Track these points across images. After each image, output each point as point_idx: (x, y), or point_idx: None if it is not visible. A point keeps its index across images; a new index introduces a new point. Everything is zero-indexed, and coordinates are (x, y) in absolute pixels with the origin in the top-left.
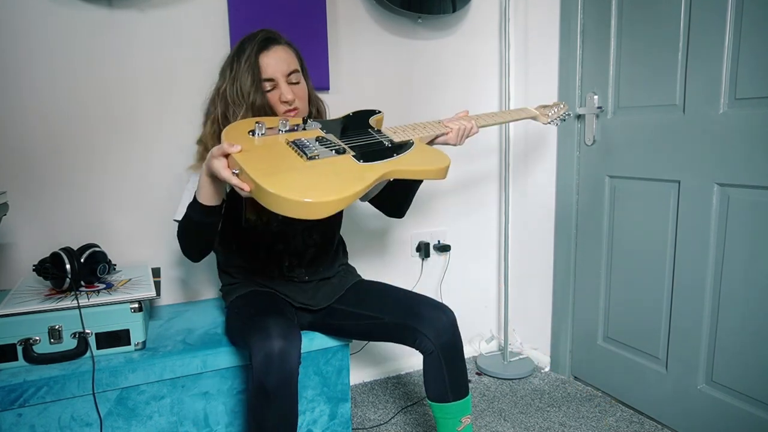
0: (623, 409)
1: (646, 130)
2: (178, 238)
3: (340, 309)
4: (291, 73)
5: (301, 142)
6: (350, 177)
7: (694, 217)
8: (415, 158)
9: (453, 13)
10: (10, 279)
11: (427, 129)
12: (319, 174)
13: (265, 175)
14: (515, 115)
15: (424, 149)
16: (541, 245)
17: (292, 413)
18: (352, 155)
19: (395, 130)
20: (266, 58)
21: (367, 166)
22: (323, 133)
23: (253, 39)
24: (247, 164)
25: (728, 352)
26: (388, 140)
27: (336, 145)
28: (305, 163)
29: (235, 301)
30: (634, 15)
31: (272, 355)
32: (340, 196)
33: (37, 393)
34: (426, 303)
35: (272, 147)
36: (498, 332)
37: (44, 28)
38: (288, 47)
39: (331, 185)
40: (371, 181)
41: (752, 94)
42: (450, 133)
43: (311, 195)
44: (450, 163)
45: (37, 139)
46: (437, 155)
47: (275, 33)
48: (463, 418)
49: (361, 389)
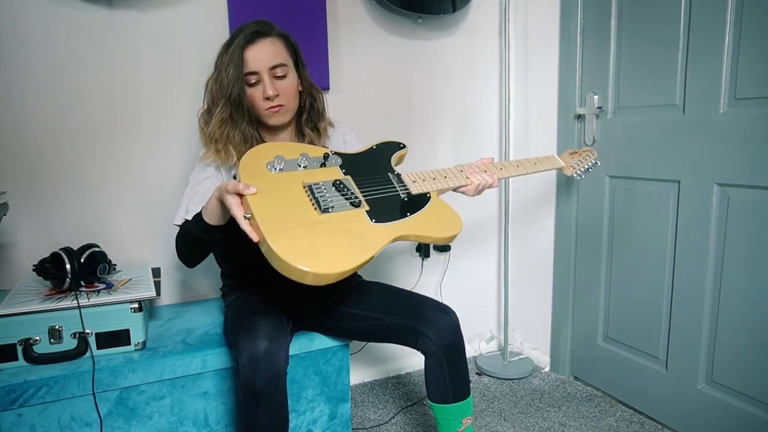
0: (623, 409)
1: (646, 130)
2: (176, 244)
3: (341, 310)
4: (276, 66)
5: (317, 188)
6: (359, 242)
7: (694, 217)
8: (428, 221)
9: (453, 13)
10: (10, 279)
11: (448, 180)
12: (330, 234)
13: (274, 231)
14: (540, 166)
15: (439, 208)
16: (541, 245)
17: (282, 413)
18: (366, 211)
19: (414, 177)
20: (250, 52)
21: (379, 227)
22: (342, 173)
23: (242, 31)
24: (259, 212)
25: (728, 352)
26: (405, 192)
27: (352, 195)
28: (318, 217)
29: (234, 302)
30: (634, 15)
31: (258, 356)
32: (342, 269)
33: (37, 393)
34: (428, 304)
35: (287, 190)
36: (498, 332)
37: (44, 28)
38: (278, 39)
39: (338, 253)
40: (380, 247)
41: (752, 94)
42: (469, 186)
43: (314, 265)
44: (461, 230)
45: (37, 139)
46: (450, 219)
47: (267, 25)
48: (464, 420)
49: (361, 389)
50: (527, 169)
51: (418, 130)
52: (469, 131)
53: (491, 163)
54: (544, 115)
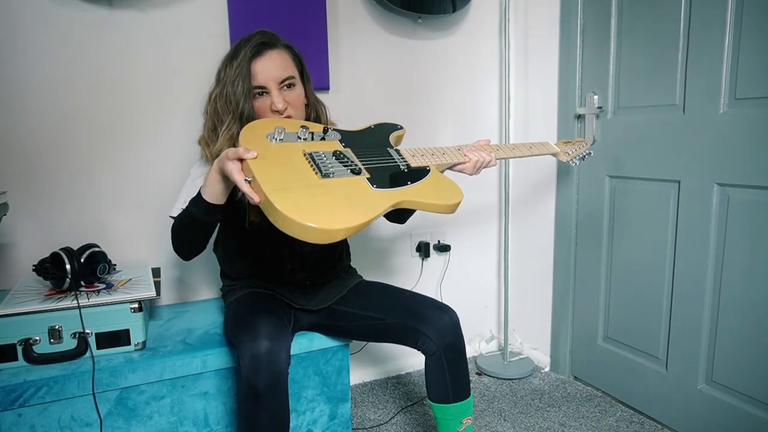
0: (623, 409)
1: (646, 130)
2: (173, 234)
3: (341, 310)
4: (285, 79)
5: (318, 156)
6: (361, 203)
7: (694, 217)
8: (429, 189)
9: (453, 13)
10: (10, 279)
11: (446, 156)
12: (332, 196)
13: (277, 190)
14: (535, 150)
15: (439, 179)
16: (541, 245)
17: (283, 413)
18: (366, 177)
19: (413, 152)
20: (258, 65)
21: (380, 192)
22: (341, 146)
23: (247, 43)
24: (261, 174)
25: (728, 352)
26: (405, 164)
27: (352, 163)
28: (319, 181)
29: (234, 302)
30: (634, 15)
31: (259, 356)
32: (347, 225)
33: (37, 393)
34: (429, 304)
35: (288, 157)
36: (498, 332)
37: (44, 28)
38: (285, 50)
39: (340, 211)
40: (382, 209)
41: (752, 94)
42: (467, 163)
43: (318, 220)
44: (462, 199)
45: (37, 139)
46: (450, 189)
47: (272, 36)
48: (464, 420)
49: (361, 389)
50: (522, 152)
51: (419, 130)
52: (469, 131)
53: (488, 145)
54: (544, 115)
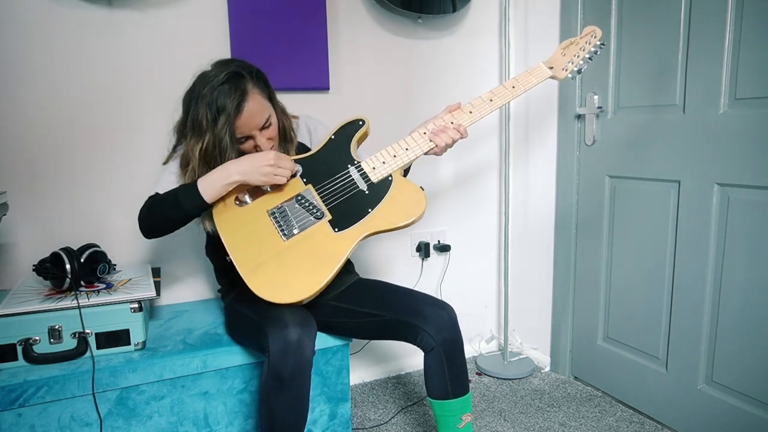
0: (623, 409)
1: (646, 130)
2: (148, 212)
3: (340, 307)
4: (264, 124)
5: (281, 211)
6: (326, 255)
7: (694, 217)
8: (392, 208)
9: (453, 13)
10: (10, 279)
11: (409, 152)
12: (299, 259)
13: (251, 270)
14: (520, 89)
15: (401, 189)
16: (541, 245)
17: (303, 403)
18: (328, 220)
19: (374, 163)
20: (240, 121)
21: (342, 235)
22: (303, 184)
23: (225, 97)
24: (234, 253)
25: (728, 352)
26: (367, 182)
27: (314, 207)
28: (284, 244)
29: (235, 300)
30: (634, 15)
31: (290, 344)
32: (312, 291)
33: (37, 393)
34: (427, 300)
35: (254, 223)
36: (498, 332)
37: (44, 28)
38: (255, 88)
39: (308, 277)
40: (345, 255)
41: (752, 94)
42: (435, 148)
43: (289, 296)
44: (426, 207)
45: (37, 139)
46: (414, 197)
47: (243, 80)
48: (464, 416)
49: (361, 389)
50: (504, 98)
51: None
52: (469, 131)
53: (458, 110)
54: (544, 115)
